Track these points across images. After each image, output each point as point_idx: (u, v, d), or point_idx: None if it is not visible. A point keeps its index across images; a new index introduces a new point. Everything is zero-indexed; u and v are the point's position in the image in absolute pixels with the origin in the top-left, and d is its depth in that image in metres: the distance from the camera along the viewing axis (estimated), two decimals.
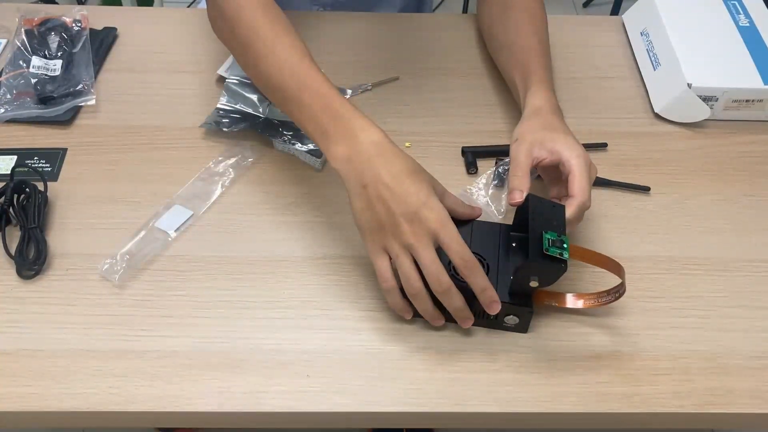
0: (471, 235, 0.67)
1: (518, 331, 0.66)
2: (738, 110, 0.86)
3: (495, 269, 0.65)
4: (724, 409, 0.62)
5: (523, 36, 0.82)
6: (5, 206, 0.72)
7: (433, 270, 0.59)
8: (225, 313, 0.67)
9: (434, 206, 0.60)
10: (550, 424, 0.64)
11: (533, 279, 0.61)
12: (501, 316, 0.64)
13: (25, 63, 0.86)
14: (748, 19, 0.91)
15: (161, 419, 0.62)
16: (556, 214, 0.63)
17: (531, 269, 0.60)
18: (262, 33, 0.70)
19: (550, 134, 0.69)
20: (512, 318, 0.64)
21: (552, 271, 0.60)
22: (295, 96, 0.66)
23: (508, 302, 0.63)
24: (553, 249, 0.59)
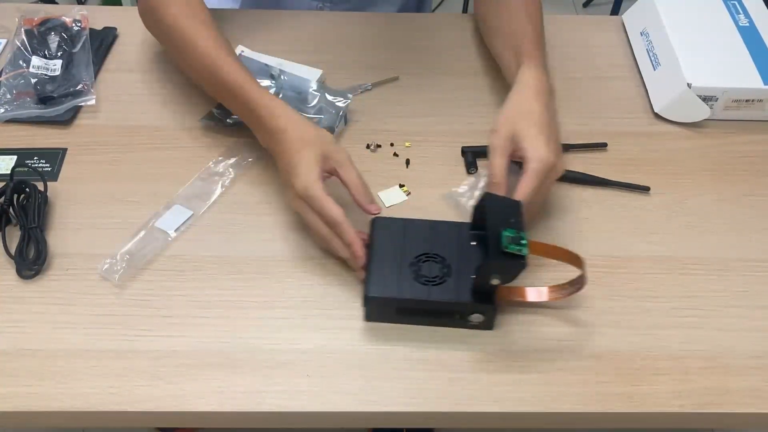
0: (430, 234, 0.67)
1: (484, 328, 0.66)
2: (738, 110, 0.86)
3: (456, 268, 0.65)
4: (724, 409, 0.62)
5: (516, 21, 0.83)
6: (5, 206, 0.72)
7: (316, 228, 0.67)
8: (225, 313, 0.67)
9: (301, 181, 0.66)
10: (550, 424, 0.64)
11: (494, 277, 0.61)
12: (465, 314, 0.64)
13: (25, 63, 0.86)
14: (748, 19, 0.91)
15: (161, 419, 0.62)
16: (513, 210, 0.63)
17: (491, 268, 0.61)
18: (181, 27, 0.78)
19: (524, 127, 0.69)
20: (477, 316, 0.64)
21: (512, 268, 0.61)
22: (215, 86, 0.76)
23: (471, 301, 0.63)
24: (511, 246, 0.60)
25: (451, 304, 0.64)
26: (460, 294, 0.63)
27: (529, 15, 0.82)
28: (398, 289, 0.64)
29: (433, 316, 0.65)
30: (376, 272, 0.65)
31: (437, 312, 0.65)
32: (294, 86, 0.83)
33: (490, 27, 0.88)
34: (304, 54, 0.90)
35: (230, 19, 0.97)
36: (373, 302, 0.65)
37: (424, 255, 0.66)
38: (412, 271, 0.65)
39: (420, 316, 0.66)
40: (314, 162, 0.67)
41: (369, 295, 0.64)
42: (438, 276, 0.65)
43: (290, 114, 0.71)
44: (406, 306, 0.65)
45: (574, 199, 0.78)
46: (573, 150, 0.82)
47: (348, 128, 0.84)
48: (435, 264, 0.65)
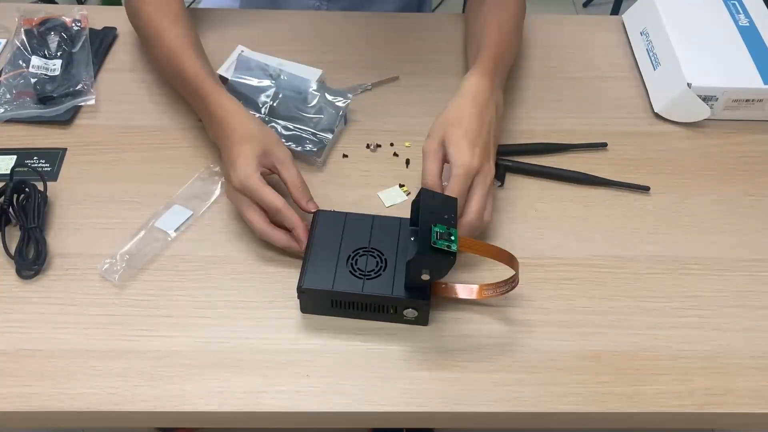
0: (371, 229, 0.68)
1: (419, 323, 0.66)
2: (738, 110, 0.86)
3: (393, 263, 0.65)
4: (724, 409, 0.62)
5: (487, 27, 0.83)
6: (5, 206, 0.72)
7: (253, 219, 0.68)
8: (225, 313, 0.67)
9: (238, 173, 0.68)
10: (550, 424, 0.64)
11: (424, 272, 0.61)
12: (399, 309, 0.64)
13: (25, 63, 0.86)
14: (748, 18, 0.91)
15: (161, 419, 0.62)
16: (448, 207, 0.63)
17: (420, 263, 0.61)
18: (152, 21, 0.82)
19: (452, 133, 0.70)
20: (411, 311, 0.64)
21: (441, 263, 0.60)
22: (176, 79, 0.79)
23: (405, 296, 0.63)
24: (441, 242, 0.59)
25: (384, 299, 0.64)
26: (395, 289, 0.63)
27: (500, 26, 0.83)
28: (332, 282, 0.64)
29: (368, 310, 0.65)
30: (312, 264, 0.65)
31: (371, 306, 0.65)
32: (294, 86, 0.83)
33: (467, 32, 0.89)
34: (304, 54, 0.90)
35: (230, 19, 0.97)
36: (307, 294, 0.65)
37: (362, 249, 0.66)
38: (349, 265, 0.65)
39: (354, 309, 0.65)
40: (252, 156, 0.68)
41: (303, 286, 0.64)
42: (374, 270, 0.65)
43: (237, 109, 0.73)
44: (340, 299, 0.64)
45: (574, 198, 0.78)
46: (573, 150, 0.82)
47: (348, 128, 0.84)
48: (372, 258, 0.66)
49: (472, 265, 0.71)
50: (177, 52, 0.78)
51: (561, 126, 0.85)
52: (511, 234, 0.74)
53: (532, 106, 0.88)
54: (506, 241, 0.73)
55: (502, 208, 0.76)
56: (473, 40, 0.84)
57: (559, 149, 0.82)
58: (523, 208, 0.77)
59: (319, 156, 0.79)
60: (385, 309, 0.65)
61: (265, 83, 0.83)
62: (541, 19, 1.00)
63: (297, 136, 0.81)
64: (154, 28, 0.81)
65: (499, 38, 0.81)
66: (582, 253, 0.73)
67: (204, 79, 0.75)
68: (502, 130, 0.84)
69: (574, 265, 0.71)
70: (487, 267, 0.70)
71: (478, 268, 0.71)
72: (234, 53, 0.87)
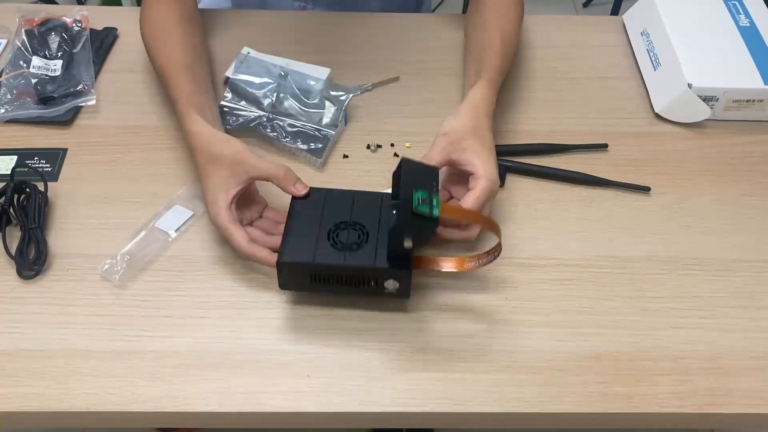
0: (352, 204, 0.67)
1: (401, 296, 0.64)
2: (738, 110, 0.86)
3: (374, 236, 0.64)
4: (724, 410, 0.62)
5: (487, 33, 0.83)
6: (5, 206, 0.72)
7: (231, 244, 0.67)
8: (225, 313, 0.67)
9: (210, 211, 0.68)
10: (550, 424, 0.64)
11: (406, 239, 0.59)
12: (380, 280, 0.63)
13: (26, 63, 0.86)
14: (748, 19, 0.91)
15: (161, 419, 0.62)
16: (428, 175, 0.62)
17: (402, 228, 0.59)
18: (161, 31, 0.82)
19: (475, 144, 0.69)
20: (392, 282, 0.63)
21: (423, 229, 0.59)
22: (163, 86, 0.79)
23: (385, 266, 0.62)
24: (422, 207, 0.58)
25: (365, 269, 0.63)
26: (377, 260, 0.62)
27: (503, 35, 0.82)
28: (313, 255, 0.63)
29: (348, 284, 0.64)
30: (291, 239, 0.64)
31: (352, 279, 0.63)
32: (296, 83, 0.84)
33: (468, 36, 0.89)
34: (304, 55, 0.90)
35: (233, 20, 0.98)
36: (286, 268, 0.63)
37: (343, 223, 0.65)
38: (330, 239, 0.64)
39: (335, 283, 0.64)
40: (220, 189, 0.67)
41: (281, 261, 0.63)
42: (355, 243, 0.64)
43: (204, 134, 0.70)
44: (320, 271, 0.63)
45: (574, 199, 0.78)
46: (573, 150, 0.82)
47: (348, 128, 0.84)
48: (353, 231, 0.65)
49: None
50: (166, 77, 0.77)
51: (561, 126, 0.85)
52: (511, 234, 0.74)
53: (533, 106, 0.88)
54: (506, 241, 0.73)
55: (502, 208, 0.77)
56: (475, 47, 0.83)
57: (559, 150, 0.82)
58: (523, 208, 0.77)
59: (320, 156, 0.79)
60: (366, 282, 0.63)
61: (267, 81, 0.83)
62: (541, 19, 1.00)
63: (300, 133, 0.81)
64: (153, 47, 0.81)
65: (502, 49, 0.81)
66: (582, 253, 0.73)
67: (180, 108, 0.74)
68: (502, 130, 0.85)
69: (574, 265, 0.72)
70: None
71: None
72: (240, 54, 0.87)
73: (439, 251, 0.71)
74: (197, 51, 0.83)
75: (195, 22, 0.86)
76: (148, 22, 0.83)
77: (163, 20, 0.82)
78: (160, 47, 0.81)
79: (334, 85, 0.84)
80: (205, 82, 0.80)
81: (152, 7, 0.84)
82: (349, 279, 0.64)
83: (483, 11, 0.86)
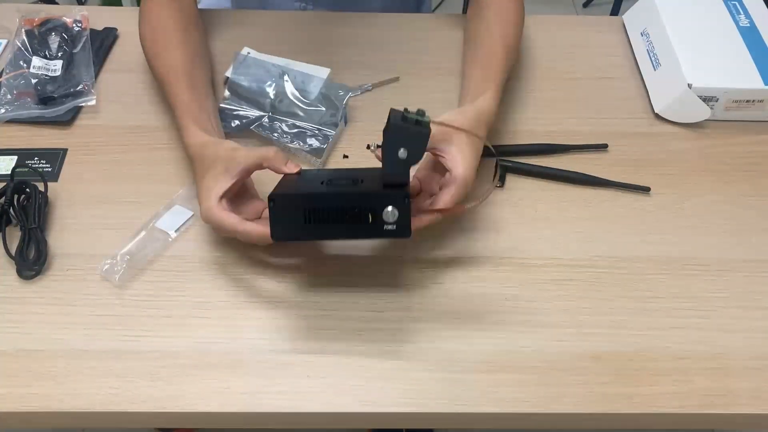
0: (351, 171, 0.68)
1: (401, 233, 0.61)
2: (738, 110, 0.86)
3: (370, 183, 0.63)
4: (724, 410, 0.62)
5: (490, 37, 0.83)
6: (6, 206, 0.72)
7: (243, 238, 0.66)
8: (225, 313, 0.67)
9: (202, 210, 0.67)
10: (550, 424, 0.64)
11: (401, 149, 0.59)
12: (379, 211, 0.60)
13: (26, 63, 0.86)
14: (748, 19, 0.91)
15: (161, 419, 0.62)
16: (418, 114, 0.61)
17: (394, 134, 0.59)
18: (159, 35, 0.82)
19: (464, 142, 0.67)
20: (391, 212, 0.60)
21: (416, 135, 0.59)
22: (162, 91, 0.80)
23: (382, 191, 0.60)
24: (413, 115, 0.59)
25: (361, 196, 0.61)
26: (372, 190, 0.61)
27: (507, 43, 0.82)
28: (306, 191, 0.62)
29: (345, 223, 0.61)
30: (284, 183, 0.64)
31: (348, 212, 0.61)
32: (296, 83, 0.84)
33: (468, 35, 0.88)
34: (305, 55, 0.90)
35: (233, 20, 0.98)
36: (278, 203, 0.61)
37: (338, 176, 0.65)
38: (323, 184, 0.63)
39: (330, 224, 0.61)
40: (213, 185, 0.66)
41: (274, 194, 0.61)
42: (349, 185, 0.63)
43: (197, 138, 0.71)
44: (314, 206, 0.61)
45: (574, 199, 0.78)
46: (573, 150, 0.82)
47: (348, 128, 0.84)
48: (349, 180, 0.64)
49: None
50: (165, 83, 0.78)
51: (561, 126, 0.85)
52: (511, 234, 0.74)
53: (533, 106, 0.88)
54: (506, 241, 0.73)
55: (502, 208, 0.77)
56: (479, 51, 0.83)
57: (559, 150, 0.82)
58: (523, 209, 0.77)
59: (320, 156, 0.79)
60: (363, 215, 0.60)
61: (266, 82, 0.83)
62: (541, 19, 1.00)
63: (300, 133, 0.81)
64: (152, 53, 0.81)
65: (506, 60, 0.80)
66: (582, 253, 0.73)
67: (179, 115, 0.75)
68: (503, 130, 0.85)
69: (574, 265, 0.72)
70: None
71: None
72: (240, 55, 0.87)
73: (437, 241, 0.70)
74: (197, 56, 0.82)
75: (195, 25, 0.85)
76: (146, 26, 0.83)
77: (162, 24, 0.82)
78: (159, 53, 0.81)
79: (334, 85, 0.84)
80: (205, 88, 0.80)
81: (151, 10, 0.84)
82: (345, 215, 0.61)
83: (485, 15, 0.86)
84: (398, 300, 0.68)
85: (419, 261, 0.71)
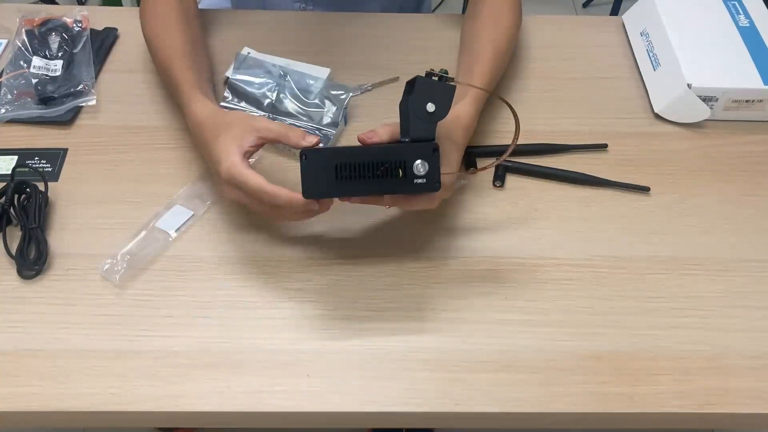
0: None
1: (431, 187, 0.63)
2: (738, 110, 0.86)
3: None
4: (724, 409, 0.62)
5: (480, 41, 0.83)
6: (6, 206, 0.72)
7: (256, 208, 0.66)
8: (225, 313, 0.67)
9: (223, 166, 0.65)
10: (550, 424, 0.64)
11: (429, 104, 0.61)
12: (408, 164, 0.62)
13: (26, 63, 0.86)
14: (748, 19, 0.91)
15: (161, 419, 0.62)
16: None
17: (421, 89, 0.61)
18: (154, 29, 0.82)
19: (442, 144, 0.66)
20: (421, 165, 0.62)
21: (442, 91, 0.61)
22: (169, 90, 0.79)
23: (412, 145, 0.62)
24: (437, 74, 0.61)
25: (392, 149, 0.62)
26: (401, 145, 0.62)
27: (495, 46, 0.82)
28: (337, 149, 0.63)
29: (376, 178, 0.62)
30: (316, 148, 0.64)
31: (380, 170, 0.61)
32: (296, 82, 0.84)
33: (461, 38, 0.89)
34: (305, 55, 0.90)
35: (233, 20, 0.98)
36: (310, 159, 0.61)
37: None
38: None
39: (361, 180, 0.62)
40: (232, 143, 0.66)
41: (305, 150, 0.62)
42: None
43: (208, 110, 0.71)
44: (345, 160, 0.61)
45: (574, 199, 0.78)
46: (573, 150, 0.83)
47: (348, 128, 0.84)
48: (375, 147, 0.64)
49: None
50: (168, 63, 0.78)
51: (561, 126, 0.85)
52: (511, 234, 0.74)
53: (532, 106, 0.88)
54: (506, 241, 0.73)
55: (502, 208, 0.77)
56: (467, 54, 0.83)
57: (559, 150, 0.82)
58: (523, 208, 0.77)
59: None
60: (393, 169, 0.61)
61: (267, 81, 0.84)
62: (540, 19, 1.00)
63: None
64: (153, 35, 0.82)
65: (492, 63, 0.80)
66: (582, 253, 0.73)
67: (184, 89, 0.74)
68: (503, 130, 0.85)
69: (574, 265, 0.72)
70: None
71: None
72: (240, 55, 0.87)
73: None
74: (198, 43, 0.83)
75: (195, 18, 0.86)
76: (148, 19, 0.84)
77: (163, 16, 0.83)
78: (161, 36, 0.81)
79: (334, 85, 0.84)
80: (207, 71, 0.81)
81: (153, 5, 0.84)
82: (376, 169, 0.61)
83: (478, 17, 0.86)
84: (398, 300, 0.68)
85: (419, 260, 0.72)
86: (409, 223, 0.75)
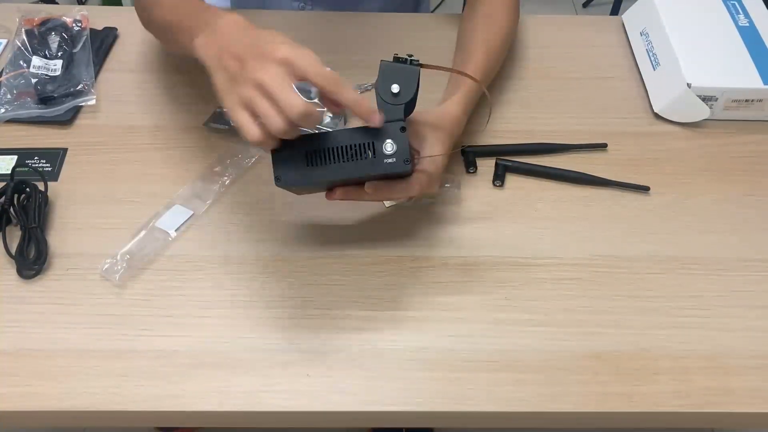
0: None
1: (402, 167, 0.62)
2: (738, 110, 0.86)
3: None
4: (723, 409, 0.62)
5: (473, 42, 0.83)
6: (6, 206, 0.72)
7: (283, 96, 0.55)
8: (225, 313, 0.67)
9: (282, 39, 0.59)
10: (550, 424, 0.64)
11: (393, 84, 0.62)
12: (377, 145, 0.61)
13: (26, 63, 0.86)
14: (747, 19, 0.91)
15: (161, 419, 0.62)
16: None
17: (385, 72, 0.63)
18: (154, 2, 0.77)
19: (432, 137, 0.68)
20: (390, 144, 0.61)
21: (406, 73, 0.63)
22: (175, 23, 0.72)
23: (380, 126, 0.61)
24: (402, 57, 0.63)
25: (359, 131, 0.62)
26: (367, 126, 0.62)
27: (488, 47, 0.82)
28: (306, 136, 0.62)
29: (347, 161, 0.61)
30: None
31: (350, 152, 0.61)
32: (299, 86, 0.84)
33: (457, 39, 0.89)
34: None
35: None
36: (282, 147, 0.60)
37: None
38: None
39: (333, 164, 0.61)
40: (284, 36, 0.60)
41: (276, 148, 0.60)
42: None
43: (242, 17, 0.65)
44: (315, 146, 0.61)
45: (574, 198, 0.78)
46: (573, 150, 0.83)
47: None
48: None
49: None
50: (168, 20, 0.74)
51: (561, 126, 0.86)
52: (511, 234, 0.74)
53: (532, 106, 0.88)
54: (506, 241, 0.73)
55: (502, 207, 0.77)
56: (460, 54, 0.84)
57: (559, 149, 0.82)
58: (523, 208, 0.77)
59: None
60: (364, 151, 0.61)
61: None
62: (540, 19, 1.00)
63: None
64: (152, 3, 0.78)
65: (484, 61, 0.80)
66: (582, 253, 0.73)
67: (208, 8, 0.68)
68: (503, 130, 0.85)
69: (574, 265, 0.72)
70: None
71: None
72: None
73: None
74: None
75: None
76: (143, 8, 0.82)
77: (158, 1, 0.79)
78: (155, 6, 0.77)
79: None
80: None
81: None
82: (346, 151, 0.61)
83: (474, 17, 0.86)
84: (398, 299, 0.68)
85: (418, 260, 0.72)
86: (409, 223, 0.75)
